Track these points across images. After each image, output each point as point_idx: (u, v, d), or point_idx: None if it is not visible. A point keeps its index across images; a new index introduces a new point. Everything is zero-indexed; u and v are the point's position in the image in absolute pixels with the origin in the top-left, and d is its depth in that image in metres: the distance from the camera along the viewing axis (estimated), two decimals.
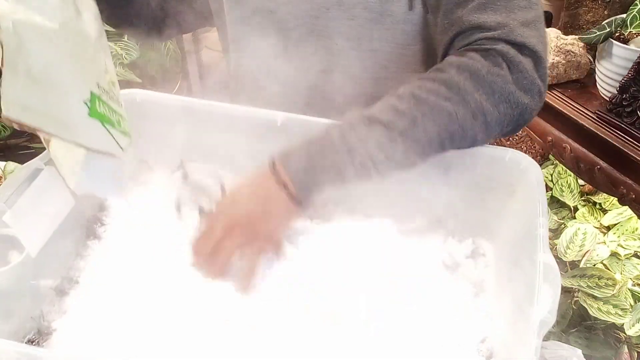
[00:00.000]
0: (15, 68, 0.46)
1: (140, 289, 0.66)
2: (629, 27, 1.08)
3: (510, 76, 0.60)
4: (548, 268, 0.52)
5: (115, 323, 0.62)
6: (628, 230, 1.42)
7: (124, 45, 1.47)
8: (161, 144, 0.80)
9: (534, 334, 0.47)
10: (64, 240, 0.70)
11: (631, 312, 1.25)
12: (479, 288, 0.67)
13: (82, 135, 0.53)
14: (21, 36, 0.46)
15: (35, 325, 0.63)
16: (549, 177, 1.63)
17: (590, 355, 1.30)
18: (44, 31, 0.48)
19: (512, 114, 0.61)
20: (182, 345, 0.60)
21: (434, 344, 0.61)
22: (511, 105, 0.60)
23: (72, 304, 0.65)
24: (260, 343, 0.61)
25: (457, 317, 0.63)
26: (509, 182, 0.68)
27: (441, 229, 0.75)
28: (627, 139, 1.06)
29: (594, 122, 1.13)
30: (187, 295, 0.65)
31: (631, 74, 1.04)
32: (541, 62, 0.61)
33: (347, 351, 0.60)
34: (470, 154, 0.68)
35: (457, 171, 0.70)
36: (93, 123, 0.54)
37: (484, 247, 0.73)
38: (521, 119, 0.62)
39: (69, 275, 0.68)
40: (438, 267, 0.70)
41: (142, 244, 0.72)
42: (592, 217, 1.50)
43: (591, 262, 1.38)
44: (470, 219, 0.74)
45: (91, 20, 0.55)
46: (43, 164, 0.63)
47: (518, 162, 0.66)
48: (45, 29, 0.48)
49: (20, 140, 1.53)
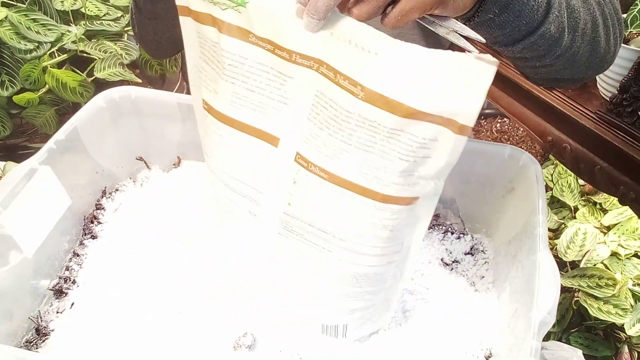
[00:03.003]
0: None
1: (137, 287, 0.66)
2: (629, 27, 1.08)
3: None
4: (547, 268, 0.52)
5: (114, 322, 0.62)
6: (628, 230, 1.42)
7: (124, 45, 1.47)
8: (157, 142, 0.80)
9: (533, 335, 0.47)
10: (60, 239, 0.70)
11: (631, 312, 1.25)
12: (478, 285, 0.67)
13: None
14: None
15: (33, 325, 0.63)
16: (549, 177, 1.63)
17: (591, 355, 1.29)
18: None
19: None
20: (181, 345, 0.60)
21: (433, 342, 0.60)
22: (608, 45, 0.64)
23: (70, 303, 0.65)
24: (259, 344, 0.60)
25: (456, 315, 0.63)
26: (509, 178, 0.68)
27: (440, 225, 0.75)
28: (627, 139, 1.05)
29: (594, 122, 1.12)
30: (186, 293, 0.65)
31: (631, 74, 1.03)
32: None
33: (345, 349, 0.60)
34: (470, 150, 0.68)
35: (457, 167, 0.70)
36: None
37: (484, 244, 0.73)
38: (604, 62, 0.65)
39: (66, 274, 0.68)
40: (437, 264, 0.70)
41: (139, 242, 0.72)
42: (592, 217, 1.49)
43: (591, 262, 1.37)
44: (470, 215, 0.74)
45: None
46: (38, 163, 0.63)
47: (517, 159, 0.66)
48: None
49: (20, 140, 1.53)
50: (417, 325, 0.62)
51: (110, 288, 0.66)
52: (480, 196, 0.71)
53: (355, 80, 0.43)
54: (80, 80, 1.38)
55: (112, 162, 0.80)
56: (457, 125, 0.42)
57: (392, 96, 0.42)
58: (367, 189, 0.47)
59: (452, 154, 0.44)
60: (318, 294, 0.58)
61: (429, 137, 0.43)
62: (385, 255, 0.52)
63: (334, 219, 0.50)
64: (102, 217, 0.76)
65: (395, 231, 0.50)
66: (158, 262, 0.69)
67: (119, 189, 0.81)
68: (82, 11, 1.41)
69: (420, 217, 0.51)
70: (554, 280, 0.51)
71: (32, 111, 1.40)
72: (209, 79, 0.52)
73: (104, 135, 0.77)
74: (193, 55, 0.54)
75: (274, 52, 0.46)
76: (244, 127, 0.51)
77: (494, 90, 1.35)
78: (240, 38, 0.47)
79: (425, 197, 0.49)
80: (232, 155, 0.54)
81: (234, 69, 0.49)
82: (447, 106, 0.41)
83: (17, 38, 1.31)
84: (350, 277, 0.54)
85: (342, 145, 0.46)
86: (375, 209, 0.47)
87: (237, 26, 0.47)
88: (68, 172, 0.69)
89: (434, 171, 0.46)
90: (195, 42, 0.52)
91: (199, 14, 0.48)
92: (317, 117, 0.47)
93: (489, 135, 2.17)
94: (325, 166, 0.48)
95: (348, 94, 0.43)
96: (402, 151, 0.44)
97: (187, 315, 0.63)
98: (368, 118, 0.43)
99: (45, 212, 0.65)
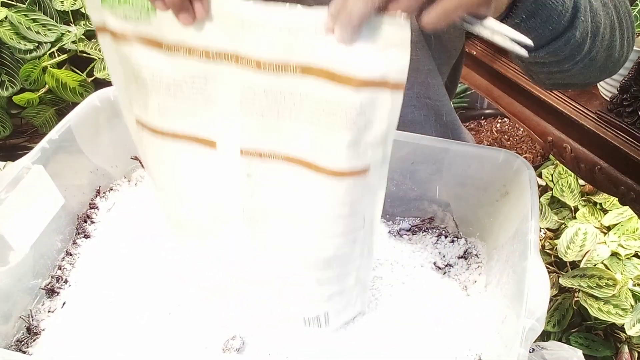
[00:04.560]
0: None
1: (129, 287, 0.66)
2: None
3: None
4: (538, 274, 0.52)
5: (104, 322, 0.62)
6: (629, 231, 1.41)
7: None
8: None
9: (520, 342, 0.47)
10: (53, 238, 0.70)
11: (632, 312, 1.24)
12: (470, 290, 0.67)
13: None
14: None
15: (24, 324, 0.63)
16: (549, 177, 1.62)
17: (591, 355, 1.29)
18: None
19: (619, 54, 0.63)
20: (170, 346, 0.60)
21: (422, 347, 0.60)
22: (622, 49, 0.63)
23: (62, 303, 0.65)
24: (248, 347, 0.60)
25: (447, 320, 0.63)
26: (502, 182, 0.68)
27: (434, 229, 0.75)
28: (627, 139, 1.05)
29: (595, 122, 1.11)
30: (177, 294, 0.65)
31: (632, 74, 1.03)
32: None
33: (335, 352, 0.60)
34: (464, 153, 0.68)
35: (451, 170, 0.70)
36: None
37: (478, 247, 0.72)
38: (617, 66, 0.65)
39: (58, 274, 0.68)
40: (429, 268, 0.69)
41: (132, 242, 0.72)
42: (592, 217, 1.49)
43: (592, 262, 1.37)
44: (464, 219, 0.73)
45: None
46: (31, 163, 0.63)
47: (511, 163, 0.66)
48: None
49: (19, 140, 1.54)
50: (407, 329, 0.62)
51: (102, 288, 0.66)
52: (474, 200, 0.71)
53: (286, 61, 0.43)
54: (80, 80, 1.38)
55: (107, 162, 0.80)
56: (390, 84, 0.42)
57: (327, 66, 0.42)
58: (320, 166, 0.47)
59: (391, 114, 0.45)
60: (294, 287, 0.58)
61: (367, 102, 0.43)
62: (349, 233, 0.53)
63: (296, 202, 0.50)
64: (95, 217, 0.76)
65: (354, 206, 0.50)
66: (150, 262, 0.69)
67: (113, 188, 0.81)
68: (82, 11, 1.42)
69: (376, 188, 0.51)
70: (544, 286, 0.50)
71: (32, 111, 1.41)
72: (137, 95, 0.51)
73: (98, 134, 0.77)
74: (117, 74, 0.53)
75: (190, 56, 0.46)
76: (178, 136, 0.51)
77: (494, 90, 1.35)
78: (155, 47, 0.47)
79: (376, 166, 0.49)
80: (174, 169, 0.54)
81: (154, 81, 0.48)
82: (378, 67, 0.42)
83: (17, 38, 1.31)
84: (321, 261, 0.54)
85: (289, 126, 0.46)
86: (331, 186, 0.48)
87: (150, 38, 0.46)
88: (62, 171, 0.69)
89: (379, 136, 0.46)
90: (116, 61, 0.51)
91: (115, 32, 0.48)
92: (252, 109, 0.47)
93: (489, 135, 2.16)
94: (278, 149, 0.48)
95: (282, 76, 0.44)
96: (345, 121, 0.44)
97: (178, 316, 0.63)
98: (308, 95, 0.44)
99: (38, 211, 0.65)
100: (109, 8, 0.46)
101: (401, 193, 0.74)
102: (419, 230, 0.74)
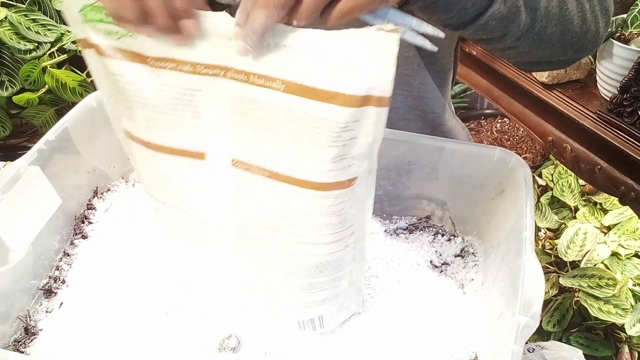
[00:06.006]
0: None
1: (126, 287, 0.66)
2: (629, 27, 1.06)
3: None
4: (532, 272, 0.51)
5: (101, 322, 0.62)
6: (629, 230, 1.41)
7: None
8: None
9: (514, 339, 0.47)
10: (51, 239, 0.70)
11: (632, 312, 1.24)
12: (467, 288, 0.67)
13: None
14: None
15: (22, 325, 0.63)
16: (549, 177, 1.62)
17: (591, 355, 1.29)
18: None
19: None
20: (167, 346, 0.60)
21: (418, 345, 0.60)
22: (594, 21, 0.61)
23: (59, 303, 0.65)
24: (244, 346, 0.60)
25: (443, 318, 0.63)
26: (498, 180, 0.68)
27: (430, 227, 0.75)
28: (627, 139, 1.05)
29: (595, 122, 1.11)
30: (176, 294, 0.65)
31: (632, 74, 1.02)
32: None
33: (332, 351, 0.60)
34: (460, 152, 0.68)
35: (446, 169, 0.70)
36: None
37: (475, 246, 0.72)
38: (584, 42, 0.62)
39: (55, 274, 0.68)
40: (426, 266, 0.69)
41: (130, 242, 0.72)
42: (592, 217, 1.48)
43: (592, 262, 1.37)
44: (461, 217, 0.73)
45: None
46: (28, 164, 0.63)
47: (507, 161, 0.66)
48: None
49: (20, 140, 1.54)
50: (403, 328, 0.62)
51: (99, 288, 0.66)
52: (471, 198, 0.71)
53: (272, 76, 0.43)
54: (80, 80, 1.39)
55: (104, 162, 0.80)
56: (374, 100, 0.42)
57: (311, 84, 0.42)
58: (306, 180, 0.47)
59: (376, 128, 0.45)
60: (287, 294, 0.58)
61: (352, 119, 0.43)
62: (340, 241, 0.53)
63: (284, 215, 0.50)
64: (92, 217, 0.76)
65: (343, 215, 0.50)
66: (147, 263, 0.69)
67: (110, 189, 0.81)
68: None
69: (364, 196, 0.51)
70: (539, 284, 0.50)
71: (32, 111, 1.41)
72: (125, 108, 0.51)
73: (95, 135, 0.77)
74: (105, 87, 0.53)
75: (176, 69, 0.46)
76: (166, 149, 0.51)
77: (494, 90, 1.35)
78: (140, 62, 0.46)
79: (362, 176, 0.49)
80: (164, 179, 0.54)
81: (140, 95, 0.48)
82: (362, 84, 0.42)
83: (17, 38, 1.31)
84: (313, 268, 0.54)
85: (275, 140, 0.46)
86: (318, 199, 0.48)
87: (134, 52, 0.46)
88: (59, 172, 0.69)
89: (364, 149, 0.46)
90: (102, 73, 0.51)
91: (99, 46, 0.48)
92: (243, 120, 0.47)
93: (489, 135, 2.16)
94: (264, 165, 0.48)
95: (268, 90, 0.44)
96: (330, 137, 0.44)
97: (174, 315, 0.63)
98: (293, 110, 0.44)
99: (36, 212, 0.66)
100: (91, 25, 0.46)
101: (397, 192, 0.74)
102: (415, 229, 0.74)
